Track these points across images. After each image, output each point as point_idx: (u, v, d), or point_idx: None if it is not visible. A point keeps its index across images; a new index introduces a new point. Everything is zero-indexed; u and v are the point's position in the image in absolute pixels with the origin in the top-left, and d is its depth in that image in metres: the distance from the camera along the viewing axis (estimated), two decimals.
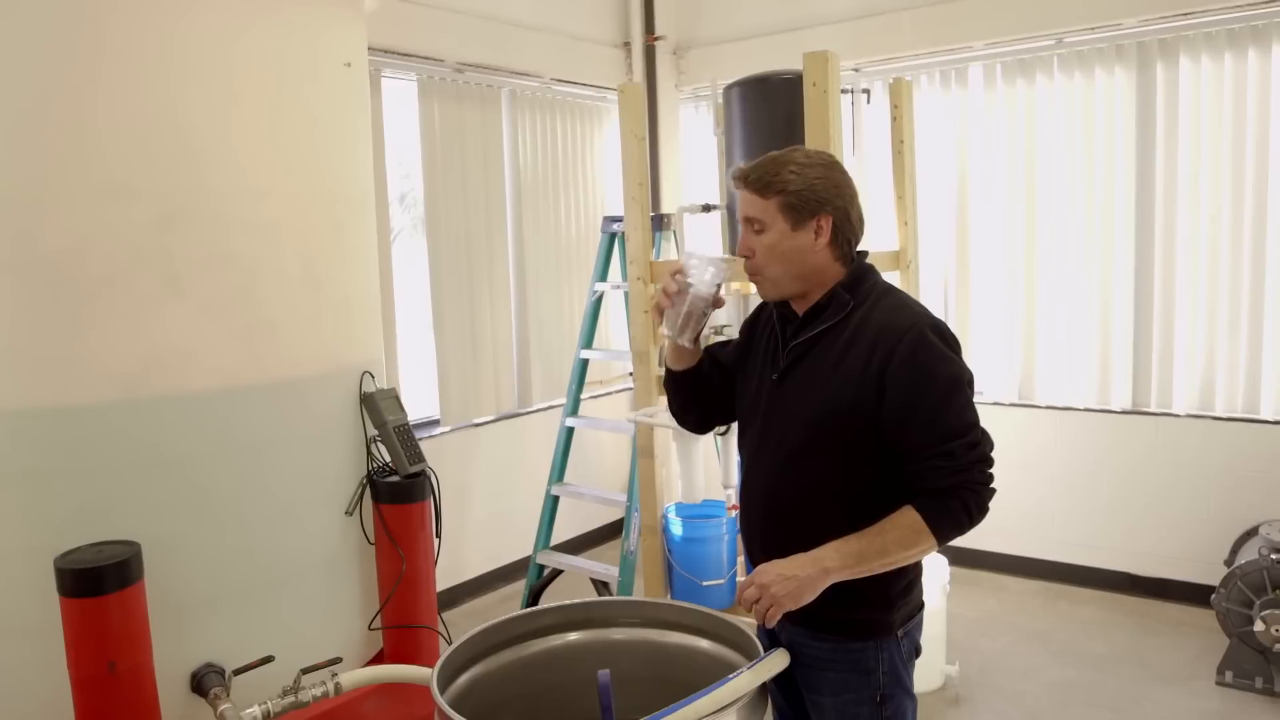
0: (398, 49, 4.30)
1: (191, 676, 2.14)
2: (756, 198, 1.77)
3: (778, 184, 1.76)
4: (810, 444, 1.76)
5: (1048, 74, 4.59)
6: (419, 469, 2.48)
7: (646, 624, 2.07)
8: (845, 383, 1.71)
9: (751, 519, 1.92)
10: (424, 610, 2.55)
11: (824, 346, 1.77)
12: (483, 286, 4.91)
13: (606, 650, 2.04)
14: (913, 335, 1.69)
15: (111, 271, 1.98)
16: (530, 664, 2.01)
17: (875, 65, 4.97)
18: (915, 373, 1.67)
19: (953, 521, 1.68)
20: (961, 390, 1.71)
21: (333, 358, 2.38)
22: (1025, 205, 4.72)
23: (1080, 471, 4.61)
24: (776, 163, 1.79)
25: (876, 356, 1.69)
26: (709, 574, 4.04)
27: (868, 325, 1.74)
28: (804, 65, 3.35)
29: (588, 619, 2.07)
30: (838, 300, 1.78)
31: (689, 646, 2.02)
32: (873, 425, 1.70)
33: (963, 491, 1.67)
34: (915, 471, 1.69)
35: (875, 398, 1.69)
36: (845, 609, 1.76)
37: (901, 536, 1.68)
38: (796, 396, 1.79)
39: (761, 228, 1.77)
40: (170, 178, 2.04)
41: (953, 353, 1.72)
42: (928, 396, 1.68)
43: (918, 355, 1.68)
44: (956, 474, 1.67)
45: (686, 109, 5.81)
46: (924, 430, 1.67)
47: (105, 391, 2.00)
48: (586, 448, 5.29)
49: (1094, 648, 3.98)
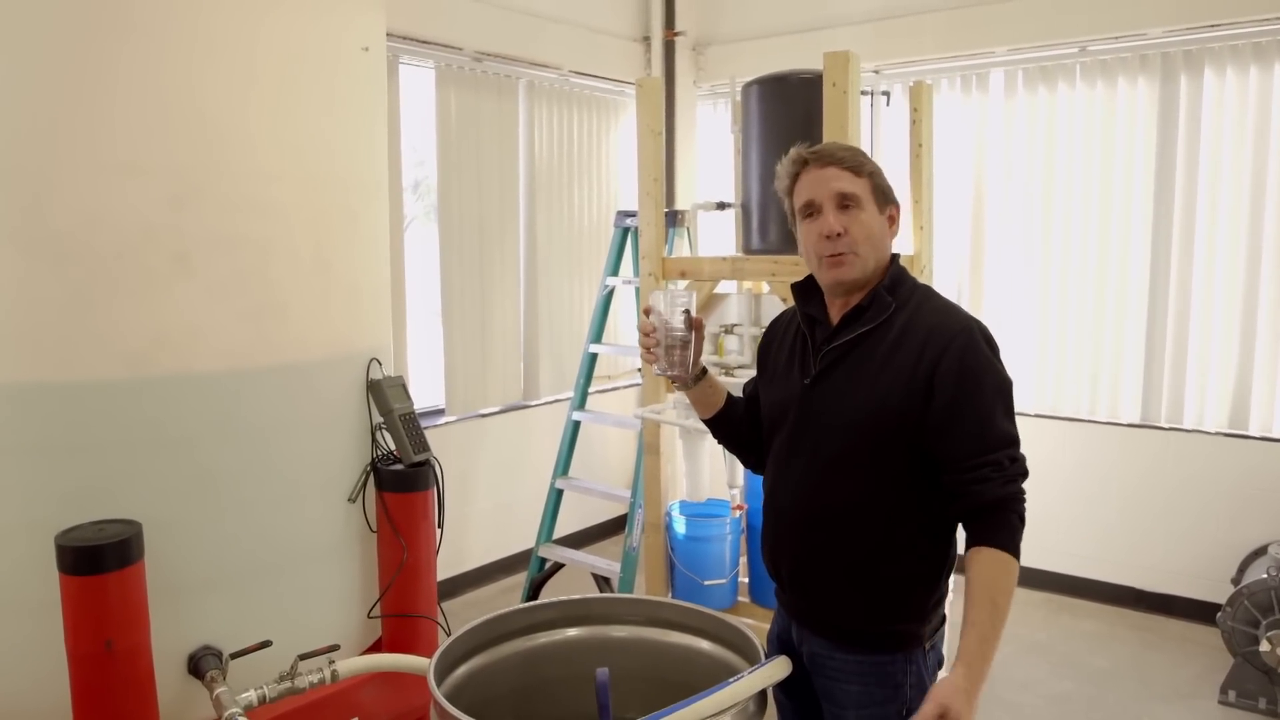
0: (416, 36, 4.28)
1: (189, 658, 2.13)
2: (850, 175, 1.71)
3: (868, 164, 1.73)
4: (850, 452, 1.70)
5: (1070, 82, 4.54)
6: (423, 458, 2.46)
7: (648, 623, 2.05)
8: (893, 386, 1.65)
9: (780, 532, 1.84)
10: (424, 600, 2.54)
11: (866, 350, 1.71)
12: (493, 277, 4.90)
13: (606, 647, 2.02)
14: (963, 339, 1.65)
15: (121, 248, 1.97)
16: (529, 658, 1.99)
17: (895, 68, 4.94)
18: (964, 377, 1.63)
19: (1019, 537, 1.62)
20: (1005, 399, 1.67)
21: (341, 343, 2.36)
22: (1042, 214, 4.68)
23: (1087, 483, 4.57)
24: (850, 147, 1.77)
25: (926, 358, 1.64)
26: (711, 573, 4.02)
27: (915, 327, 1.68)
28: (824, 65, 3.33)
29: (588, 615, 2.06)
30: (879, 302, 1.72)
31: (690, 647, 2.00)
32: (918, 431, 1.65)
33: (1013, 503, 1.62)
34: (960, 482, 1.63)
35: (923, 402, 1.64)
36: (878, 621, 1.72)
37: (1002, 583, 1.58)
38: (835, 402, 1.72)
39: (857, 205, 1.70)
40: (184, 157, 2.03)
41: (998, 359, 1.69)
42: (976, 403, 1.63)
43: (967, 359, 1.64)
44: (1004, 485, 1.61)
45: (704, 106, 5.78)
46: (971, 438, 1.62)
47: (111, 369, 1.99)
48: (592, 442, 5.27)
49: (1095, 662, 3.95)
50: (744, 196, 3.89)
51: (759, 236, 3.80)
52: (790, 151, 1.78)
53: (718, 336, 3.88)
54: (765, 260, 3.63)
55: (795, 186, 1.77)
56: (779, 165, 1.80)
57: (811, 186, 1.73)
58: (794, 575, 1.83)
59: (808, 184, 1.74)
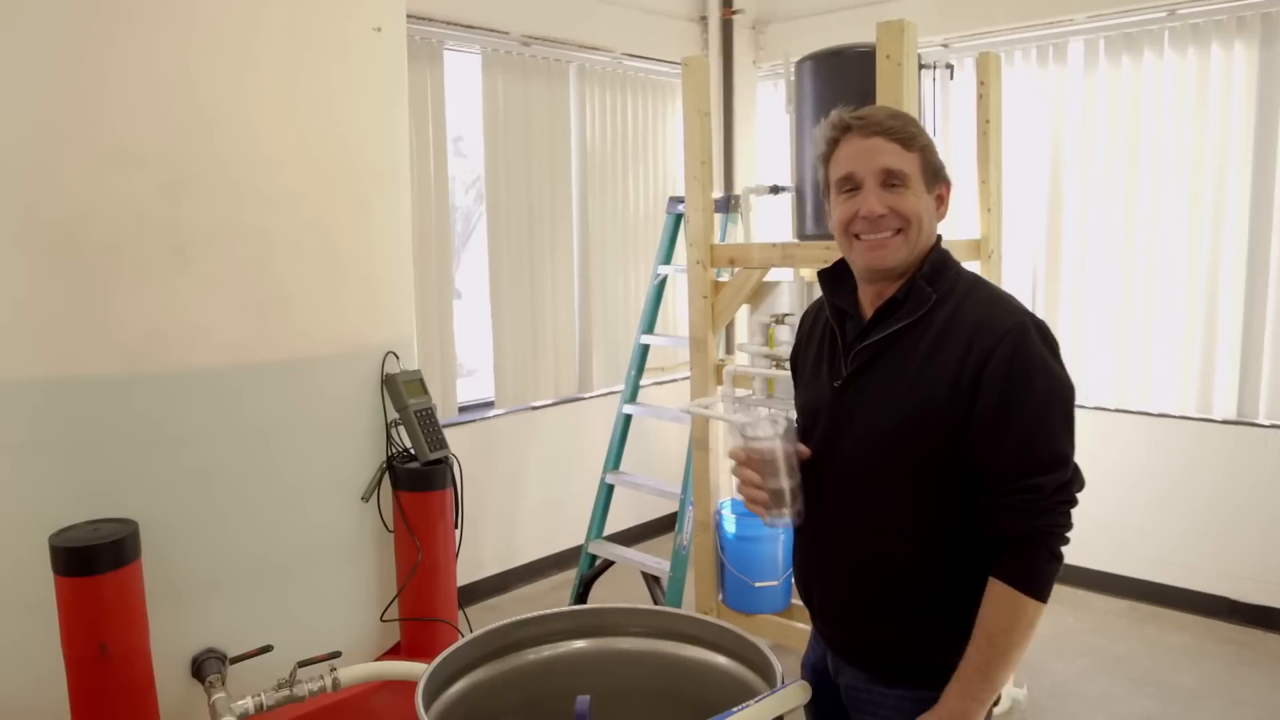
0: (462, 20, 4.19)
1: (192, 661, 2.07)
2: (899, 148, 1.49)
3: (920, 136, 1.51)
4: (886, 464, 1.52)
5: (1157, 50, 4.19)
6: (440, 456, 2.36)
7: (662, 636, 1.93)
8: (934, 389, 1.47)
9: (811, 554, 1.67)
10: (442, 603, 2.44)
11: (902, 349, 1.51)
12: (544, 267, 4.80)
13: (618, 660, 1.91)
14: (1014, 335, 1.44)
15: (116, 240, 1.91)
16: (537, 671, 1.89)
17: (966, 40, 4.65)
18: (1012, 380, 1.43)
19: (1045, 577, 1.44)
20: (1061, 408, 1.46)
21: (352, 336, 2.27)
22: (1126, 194, 4.34)
23: (1177, 485, 4.23)
24: (901, 115, 1.52)
25: (972, 358, 1.44)
26: (762, 575, 3.86)
27: (959, 322, 1.48)
28: (878, 36, 3.11)
29: (601, 626, 1.94)
30: (918, 293, 1.51)
31: (706, 662, 1.87)
32: (962, 440, 1.46)
33: (1044, 537, 1.43)
34: (989, 508, 1.45)
35: (968, 407, 1.45)
36: (918, 652, 1.54)
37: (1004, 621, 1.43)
38: (868, 408, 1.54)
39: (904, 183, 1.49)
40: (180, 145, 1.96)
41: (1056, 361, 1.48)
42: (1023, 411, 1.43)
43: (1017, 360, 1.43)
44: (1037, 516, 1.42)
45: (764, 87, 5.57)
46: (1012, 453, 1.43)
47: (108, 364, 1.93)
48: (648, 436, 5.14)
49: (1182, 679, 3.64)
50: (798, 179, 3.70)
51: (814, 221, 3.62)
52: (831, 114, 1.55)
53: (768, 326, 3.69)
54: (818, 246, 3.43)
55: (834, 155, 1.54)
56: (817, 129, 1.57)
57: (853, 158, 1.51)
58: (826, 601, 1.66)
59: (849, 154, 1.51)
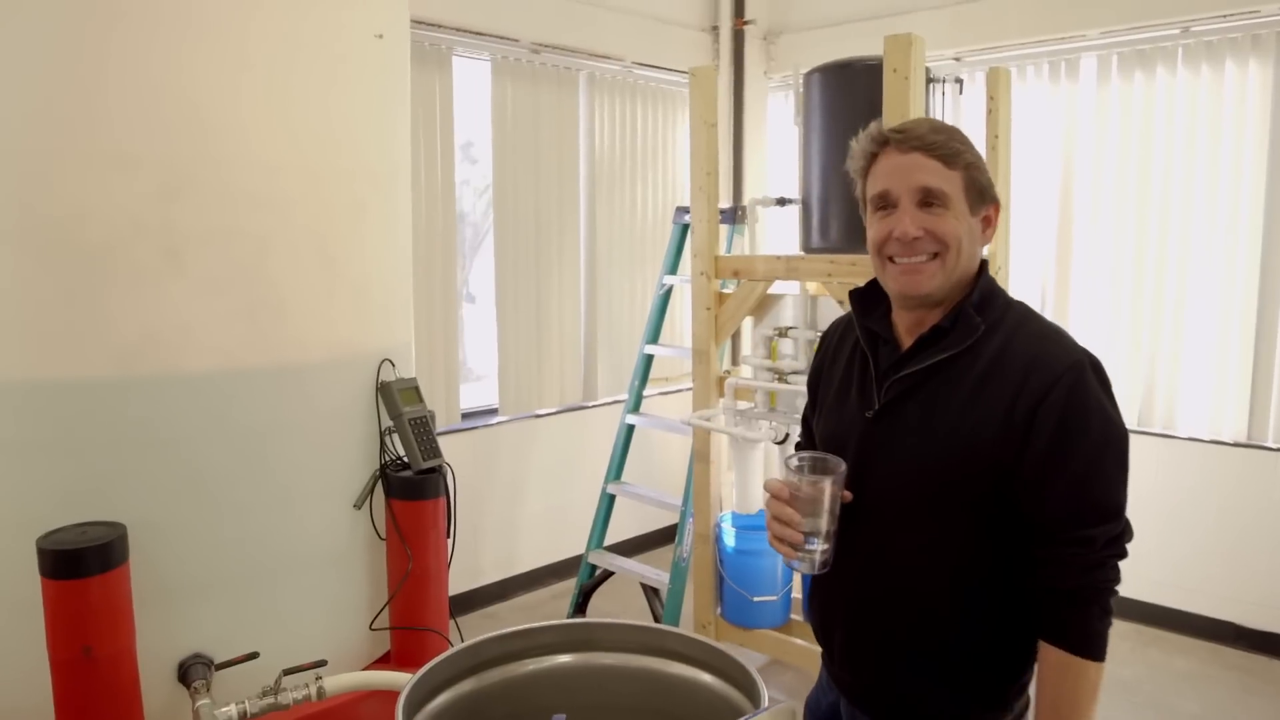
0: (471, 27, 4.19)
1: (179, 666, 2.06)
2: (940, 166, 1.38)
3: (966, 153, 1.40)
4: (923, 503, 1.43)
5: (1170, 67, 4.15)
6: (433, 465, 2.35)
7: (649, 652, 1.90)
8: (982, 426, 1.38)
9: (832, 595, 1.58)
10: (433, 613, 2.43)
11: (947, 380, 1.42)
12: (550, 275, 4.79)
13: (603, 675, 1.88)
14: (1072, 374, 1.36)
15: (111, 242, 1.91)
16: (520, 685, 1.86)
17: (978, 54, 4.62)
18: (1069, 423, 1.35)
19: (1100, 636, 1.36)
20: (1117, 456, 1.38)
21: (346, 342, 2.26)
22: (1137, 212, 4.29)
23: (1184, 507, 4.17)
24: (945, 129, 1.42)
25: (1026, 395, 1.36)
26: (761, 589, 3.83)
27: (1011, 355, 1.39)
28: (884, 49, 3.09)
29: (590, 640, 1.92)
30: (965, 322, 1.42)
31: (692, 680, 1.84)
32: (1009, 482, 1.38)
33: (1095, 593, 1.36)
34: (1037, 559, 1.37)
35: (1019, 447, 1.36)
36: (948, 709, 1.47)
37: (1070, 694, 1.34)
38: (907, 441, 1.44)
39: (943, 204, 1.39)
40: (175, 147, 1.96)
41: (1112, 404, 1.39)
42: (1078, 456, 1.35)
43: (1074, 400, 1.35)
44: (1087, 570, 1.35)
45: (776, 98, 5.55)
46: (1064, 500, 1.35)
47: (99, 366, 1.93)
48: (652, 446, 5.12)
49: (1186, 705, 3.59)
50: (805, 192, 3.67)
51: (819, 234, 3.59)
52: (870, 126, 1.47)
53: (771, 340, 3.67)
54: (821, 260, 3.41)
55: (871, 170, 1.46)
56: (853, 142, 1.48)
57: (890, 174, 1.42)
58: (848, 647, 1.57)
59: (886, 170, 1.42)
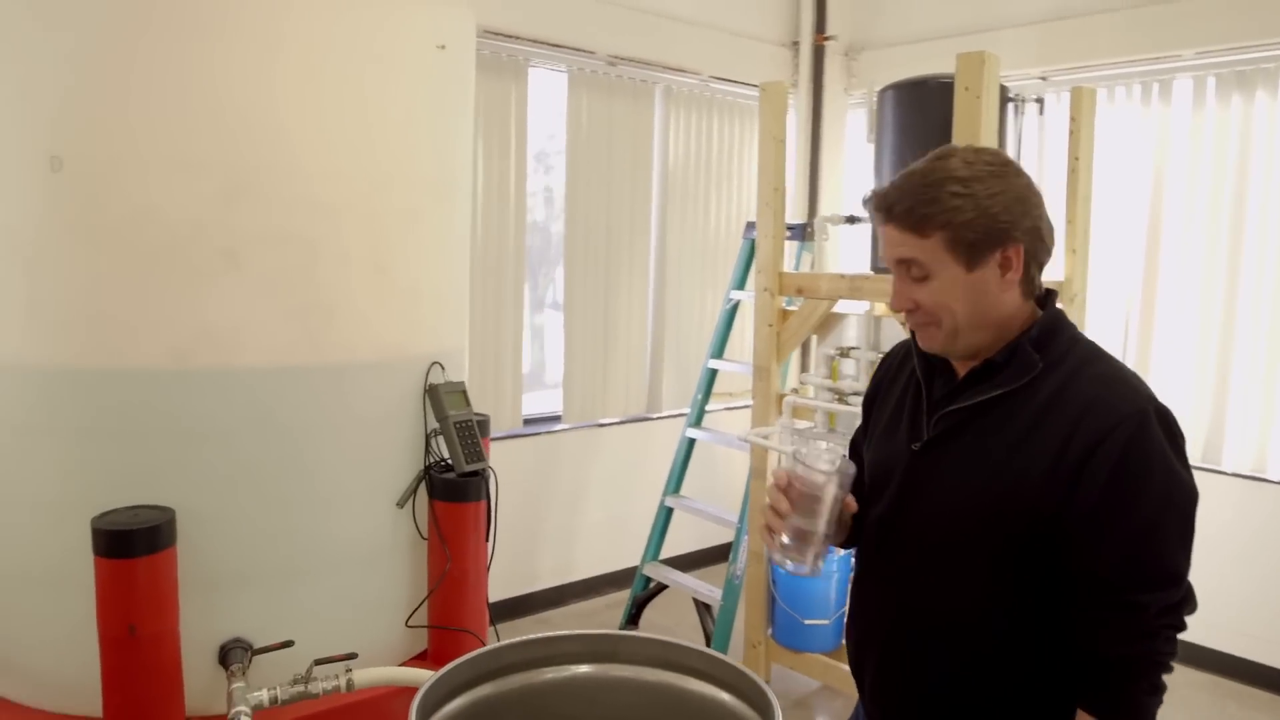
0: (548, 39, 4.26)
1: (220, 649, 2.14)
2: (912, 236, 1.32)
3: (939, 215, 1.30)
4: (964, 544, 1.37)
5: (1271, 90, 3.94)
6: (476, 468, 2.39)
7: (670, 667, 1.89)
8: (1029, 469, 1.30)
9: (866, 632, 1.53)
10: (471, 614, 2.46)
11: (997, 417, 1.35)
12: (620, 285, 4.82)
13: (620, 688, 1.88)
14: (1133, 423, 1.26)
15: (172, 242, 2.01)
16: (537, 693, 1.87)
17: (1064, 74, 4.47)
18: (1125, 475, 1.26)
19: (1144, 713, 1.28)
20: (1180, 516, 1.28)
21: (395, 345, 2.32)
22: (1230, 243, 4.08)
23: (1269, 553, 3.94)
24: (929, 182, 1.31)
25: (1079, 440, 1.27)
26: (813, 612, 3.77)
27: (1070, 396, 1.31)
28: (957, 67, 3.02)
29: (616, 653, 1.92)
30: (1023, 359, 1.35)
31: (709, 698, 1.82)
32: (1054, 529, 1.30)
33: (1145, 666, 1.27)
34: (1083, 619, 1.30)
35: (1067, 495, 1.28)
36: None
37: None
38: (950, 478, 1.38)
39: (924, 274, 1.33)
40: (237, 153, 2.05)
41: (1180, 460, 1.29)
42: (1133, 513, 1.26)
43: (1133, 450, 1.25)
44: (1136, 640, 1.26)
45: (855, 115, 5.47)
46: (1114, 560, 1.26)
47: (156, 359, 2.03)
48: (715, 461, 5.08)
49: None
50: None
51: None
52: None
53: (833, 359, 3.62)
54: (885, 280, 3.33)
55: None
56: None
57: (881, 243, 1.39)
58: (878, 687, 1.52)
59: (880, 237, 1.40)
